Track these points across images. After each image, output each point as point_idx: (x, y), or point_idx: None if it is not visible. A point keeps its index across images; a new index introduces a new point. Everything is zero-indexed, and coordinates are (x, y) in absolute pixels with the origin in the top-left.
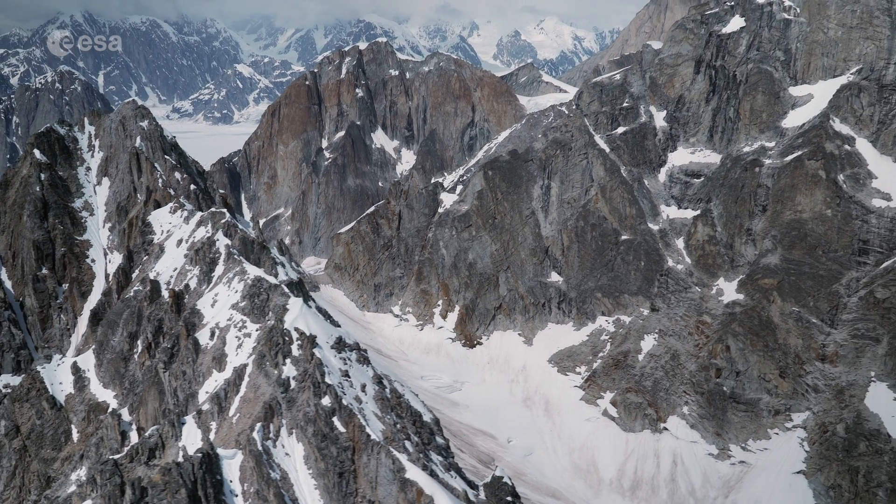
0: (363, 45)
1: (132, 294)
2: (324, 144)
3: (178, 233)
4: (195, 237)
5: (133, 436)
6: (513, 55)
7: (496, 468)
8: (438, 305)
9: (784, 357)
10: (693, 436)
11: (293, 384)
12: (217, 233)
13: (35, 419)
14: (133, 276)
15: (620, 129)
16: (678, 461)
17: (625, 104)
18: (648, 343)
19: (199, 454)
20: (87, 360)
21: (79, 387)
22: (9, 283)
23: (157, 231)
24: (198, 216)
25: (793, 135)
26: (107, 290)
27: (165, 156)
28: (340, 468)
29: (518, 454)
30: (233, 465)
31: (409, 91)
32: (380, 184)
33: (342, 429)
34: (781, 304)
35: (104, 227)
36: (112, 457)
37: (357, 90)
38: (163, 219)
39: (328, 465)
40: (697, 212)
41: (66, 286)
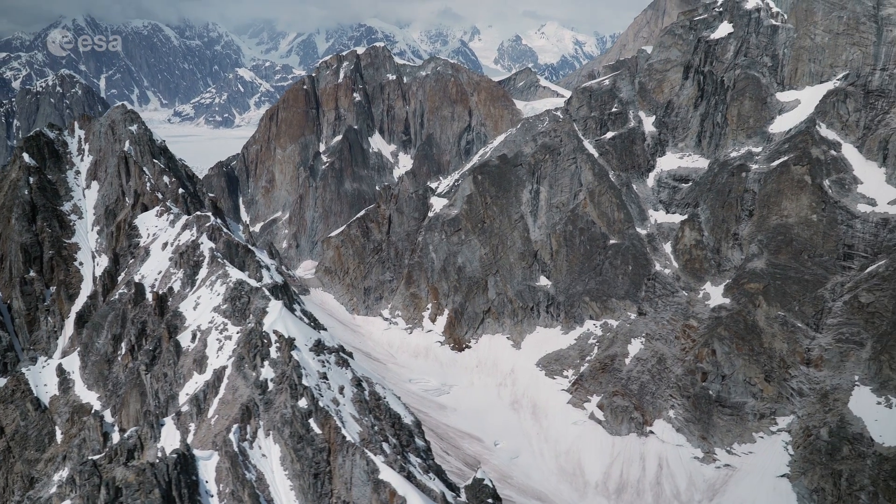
0: (361, 50)
1: (117, 297)
2: (321, 148)
3: (164, 236)
4: (180, 240)
5: (115, 437)
6: (514, 60)
7: (478, 470)
8: (428, 309)
9: (769, 361)
10: (679, 439)
11: (271, 386)
12: (201, 236)
13: (19, 420)
14: (119, 279)
15: (609, 134)
16: (664, 464)
17: (614, 109)
18: (635, 347)
19: (175, 455)
20: (72, 362)
21: (63, 388)
22: None
23: (144, 234)
24: (183, 220)
25: (779, 140)
26: (92, 293)
27: (154, 160)
28: (316, 469)
29: (504, 457)
30: (209, 466)
31: (407, 95)
32: (377, 188)
33: (318, 430)
34: (767, 309)
35: (92, 231)
36: (91, 457)
37: (355, 94)
38: (149, 222)
39: (304, 466)
40: (685, 216)
41: (54, 289)
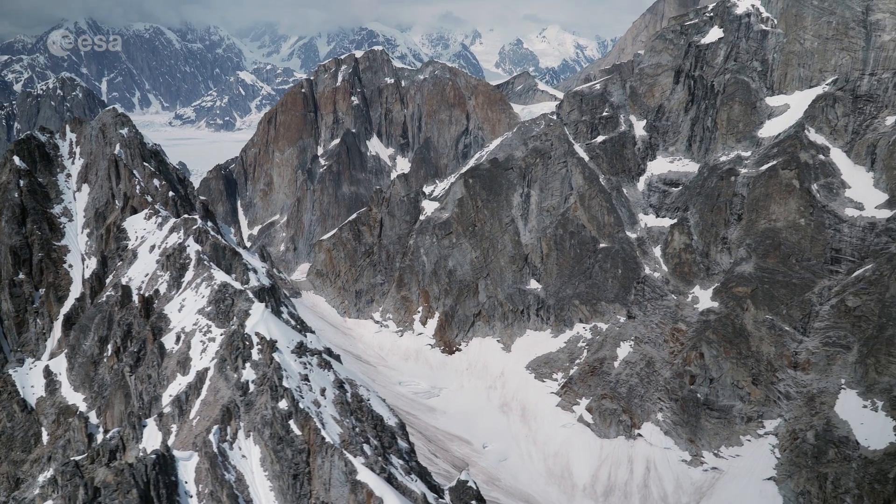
0: (360, 53)
1: (104, 299)
2: (319, 152)
3: (152, 239)
4: (167, 243)
5: (100, 438)
6: (515, 63)
7: (462, 472)
8: (418, 312)
9: (757, 364)
10: (667, 442)
11: (252, 388)
12: (188, 239)
13: (6, 421)
14: (107, 282)
15: (600, 138)
16: (651, 467)
17: (604, 113)
18: (624, 350)
19: (153, 455)
20: (59, 364)
21: (50, 390)
22: None
23: (132, 237)
24: (171, 222)
25: (768, 144)
26: (80, 295)
27: (144, 163)
28: (295, 470)
29: (493, 459)
30: (189, 467)
31: (405, 99)
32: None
33: (298, 432)
34: (755, 312)
35: (82, 233)
36: (74, 458)
37: (353, 98)
38: (137, 225)
39: (283, 468)
40: (675, 220)
41: (43, 291)
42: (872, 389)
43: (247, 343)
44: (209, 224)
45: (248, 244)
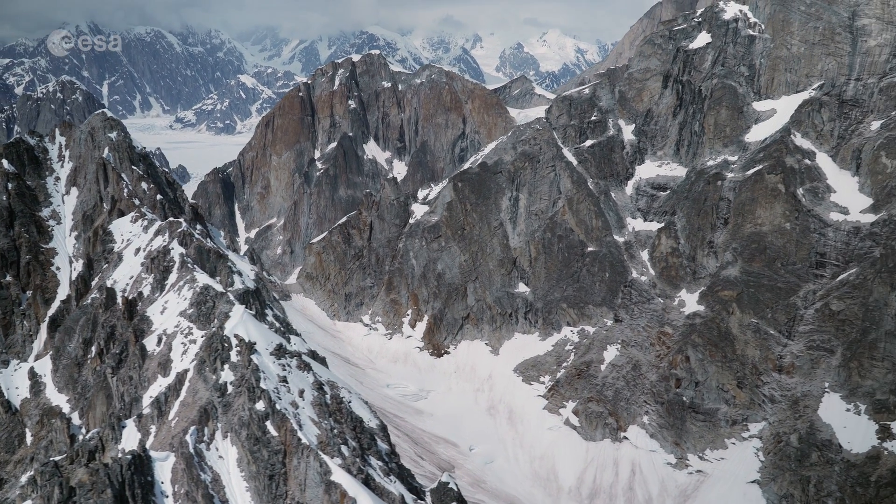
0: (356, 58)
1: (89, 301)
2: (316, 155)
3: (137, 241)
4: (152, 246)
5: (82, 439)
6: (515, 67)
7: (444, 474)
8: (408, 315)
9: (742, 368)
10: (652, 445)
11: (230, 389)
12: (172, 242)
13: None
14: (93, 284)
15: (588, 143)
16: (636, 470)
17: (593, 118)
18: (611, 353)
19: (129, 456)
20: (44, 366)
21: (34, 391)
22: None
23: (118, 240)
24: (156, 225)
25: (755, 149)
26: (66, 298)
27: (133, 166)
28: (271, 471)
29: (479, 462)
30: (165, 467)
31: (402, 103)
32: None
33: (274, 433)
34: (740, 316)
35: (70, 236)
36: (54, 458)
37: (350, 102)
38: (124, 228)
39: (259, 468)
40: (662, 224)
41: (30, 293)
42: (855, 393)
43: (225, 345)
44: (198, 227)
45: (245, 247)
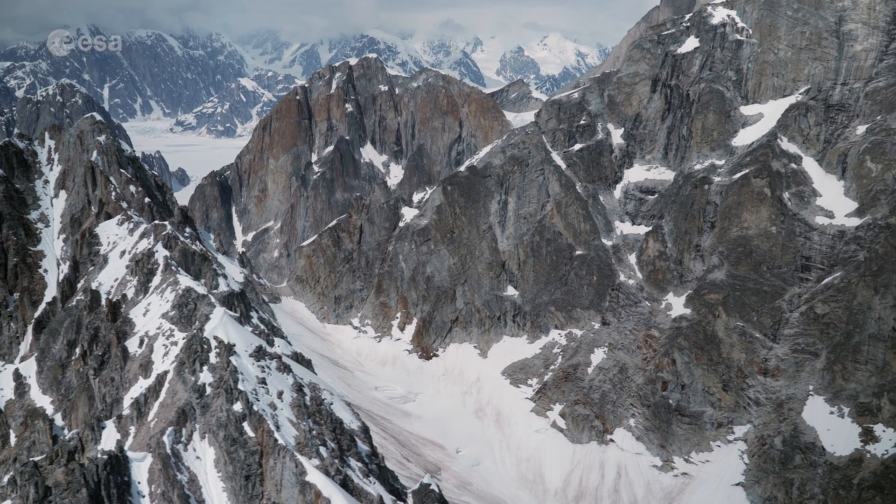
0: (353, 61)
1: (74, 303)
2: (313, 158)
3: (123, 244)
4: (137, 249)
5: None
6: (516, 71)
7: (426, 476)
8: (397, 318)
9: (727, 371)
10: (638, 447)
11: (209, 390)
12: (157, 244)
13: None
14: (78, 286)
15: (577, 146)
16: (622, 472)
17: (582, 122)
18: (598, 356)
19: (105, 456)
20: (29, 367)
21: (19, 393)
22: None
23: (104, 242)
24: (142, 228)
25: (741, 153)
26: (52, 300)
27: (121, 169)
28: (247, 471)
29: (465, 464)
30: (142, 468)
31: (398, 106)
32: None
33: (251, 433)
34: (726, 319)
35: (58, 239)
36: (33, 459)
37: (347, 105)
38: (110, 230)
39: (236, 469)
40: (650, 228)
41: (17, 295)
42: (839, 396)
43: (205, 347)
44: (187, 230)
45: (242, 250)
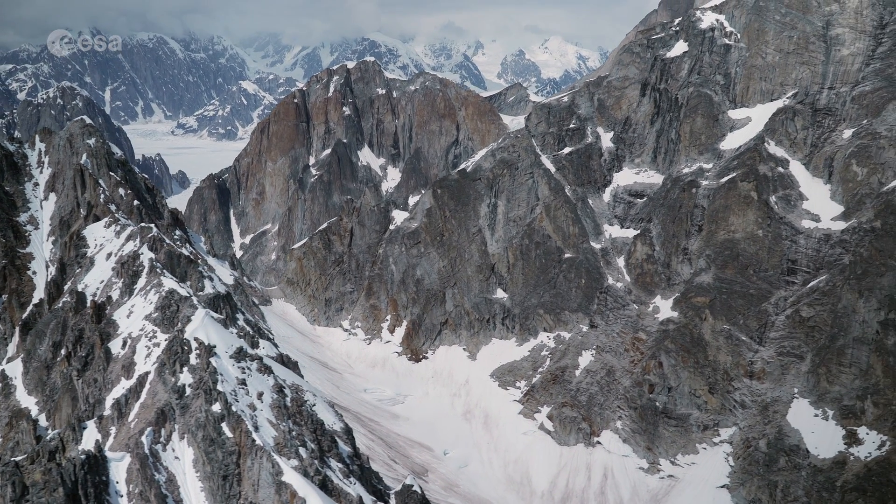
0: (351, 65)
1: (60, 305)
2: (311, 161)
3: (109, 246)
4: (123, 251)
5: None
6: (517, 74)
7: (408, 477)
8: (387, 320)
9: (714, 373)
10: (625, 450)
11: (188, 391)
12: (142, 247)
13: None
14: (65, 288)
15: (566, 150)
16: (609, 474)
17: (571, 125)
18: (586, 359)
19: (83, 456)
20: (15, 368)
21: (5, 394)
22: None
23: (91, 244)
24: (128, 230)
25: (729, 157)
26: (39, 302)
27: (111, 172)
28: (225, 471)
29: (453, 466)
30: (121, 468)
31: (396, 109)
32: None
33: (230, 434)
34: (713, 322)
35: (47, 241)
36: (14, 459)
37: (344, 108)
38: (97, 233)
39: (214, 469)
40: (638, 231)
41: (6, 297)
42: (824, 399)
43: (185, 348)
44: (177, 232)
45: (240, 253)
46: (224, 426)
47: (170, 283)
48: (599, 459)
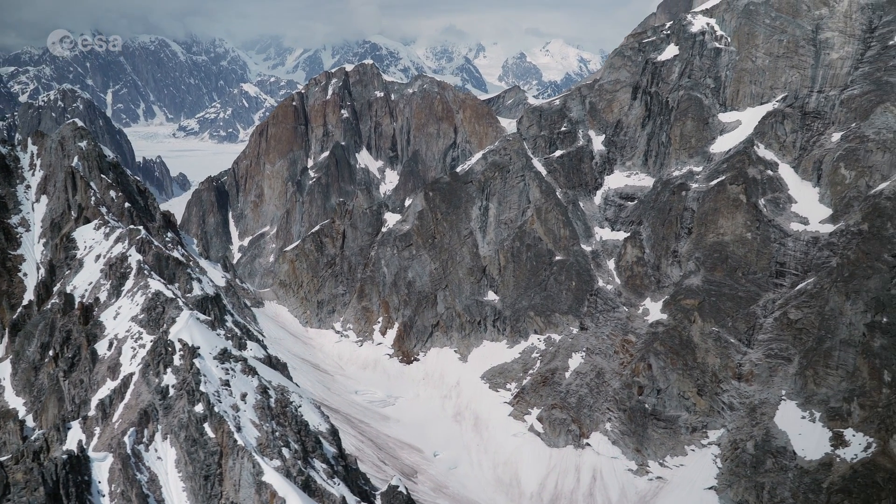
0: (350, 67)
1: (49, 306)
2: (309, 164)
3: (98, 248)
4: (112, 253)
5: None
6: (518, 77)
7: (394, 478)
8: (378, 322)
9: (702, 375)
10: (614, 451)
11: (172, 392)
12: (130, 249)
13: None
14: (54, 290)
15: (557, 153)
16: (598, 476)
17: (563, 128)
18: (576, 361)
19: (64, 456)
20: (4, 369)
21: None
22: None
23: (81, 246)
24: (117, 233)
25: (719, 160)
26: (28, 303)
27: (102, 175)
28: (206, 471)
29: (442, 467)
30: (103, 468)
31: (394, 112)
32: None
33: (212, 434)
34: (702, 325)
35: (38, 243)
36: None
37: (342, 111)
38: (87, 235)
39: (196, 469)
40: (628, 234)
41: None
42: (811, 401)
43: (169, 349)
44: (168, 235)
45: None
46: (206, 427)
47: (156, 285)
48: (588, 461)
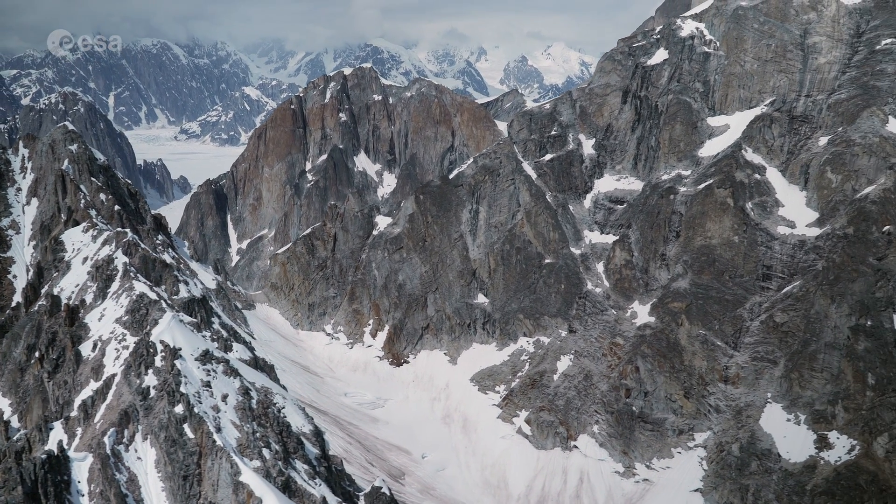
0: (348, 71)
1: (36, 308)
2: (307, 167)
3: (86, 251)
4: (99, 255)
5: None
6: (520, 80)
7: (377, 479)
8: (369, 325)
9: (689, 378)
10: (601, 454)
11: (153, 393)
12: (117, 251)
13: None
14: (42, 292)
15: (548, 157)
16: (585, 478)
17: (553, 132)
18: (564, 363)
19: (43, 455)
20: None
21: None
22: None
23: (69, 249)
24: (104, 235)
25: (707, 164)
26: (16, 305)
27: (92, 178)
28: (185, 471)
29: (430, 469)
30: (83, 467)
31: (392, 116)
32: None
33: (191, 435)
34: (689, 327)
35: (28, 246)
36: None
37: (341, 114)
38: (75, 237)
39: (175, 469)
40: (617, 237)
41: None
42: (796, 403)
43: (151, 350)
44: (159, 237)
45: (236, 258)
46: (186, 427)
47: (141, 287)
48: (576, 463)
